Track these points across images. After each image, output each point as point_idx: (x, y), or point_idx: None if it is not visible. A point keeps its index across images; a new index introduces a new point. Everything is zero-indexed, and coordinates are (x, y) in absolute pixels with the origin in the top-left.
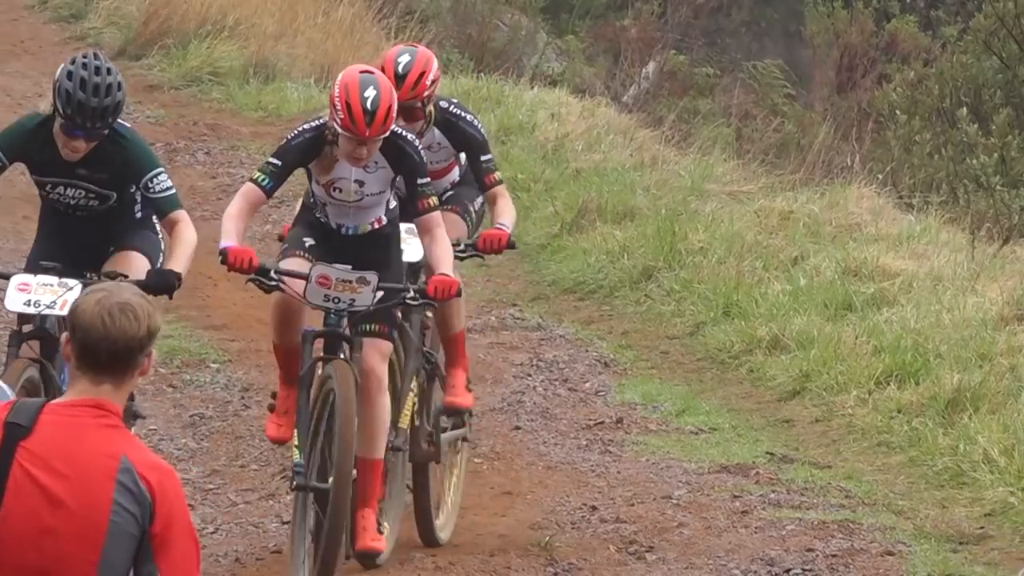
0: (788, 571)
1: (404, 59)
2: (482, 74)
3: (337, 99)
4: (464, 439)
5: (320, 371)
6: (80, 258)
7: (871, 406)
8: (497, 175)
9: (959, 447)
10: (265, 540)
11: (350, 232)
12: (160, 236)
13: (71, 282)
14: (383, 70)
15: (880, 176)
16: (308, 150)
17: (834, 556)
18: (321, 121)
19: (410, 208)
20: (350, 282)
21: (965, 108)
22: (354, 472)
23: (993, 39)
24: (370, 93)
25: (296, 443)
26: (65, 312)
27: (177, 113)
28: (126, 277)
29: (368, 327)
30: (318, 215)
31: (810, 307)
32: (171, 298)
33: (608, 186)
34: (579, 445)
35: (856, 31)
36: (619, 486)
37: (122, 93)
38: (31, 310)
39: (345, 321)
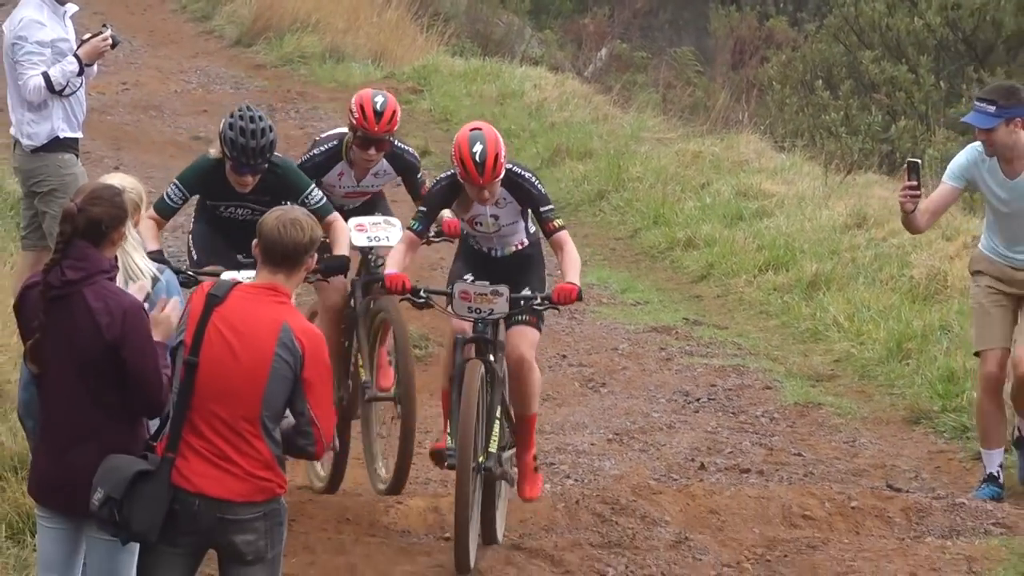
0: (698, 399)
1: (379, 99)
2: (486, 57)
3: (454, 156)
4: None
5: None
6: (239, 252)
7: (755, 286)
8: (427, 185)
9: (816, 314)
10: None
11: (499, 254)
12: None
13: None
14: (362, 108)
15: (762, 127)
16: (447, 195)
17: (730, 390)
18: (454, 171)
19: (542, 232)
20: (486, 295)
21: (820, 80)
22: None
23: (840, 32)
24: (477, 148)
25: (449, 431)
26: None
27: (276, 84)
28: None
29: (520, 318)
30: (471, 243)
31: (713, 218)
32: (346, 276)
33: (573, 134)
34: (554, 313)
35: (745, 27)
36: (581, 341)
37: (273, 134)
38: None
39: (490, 328)
